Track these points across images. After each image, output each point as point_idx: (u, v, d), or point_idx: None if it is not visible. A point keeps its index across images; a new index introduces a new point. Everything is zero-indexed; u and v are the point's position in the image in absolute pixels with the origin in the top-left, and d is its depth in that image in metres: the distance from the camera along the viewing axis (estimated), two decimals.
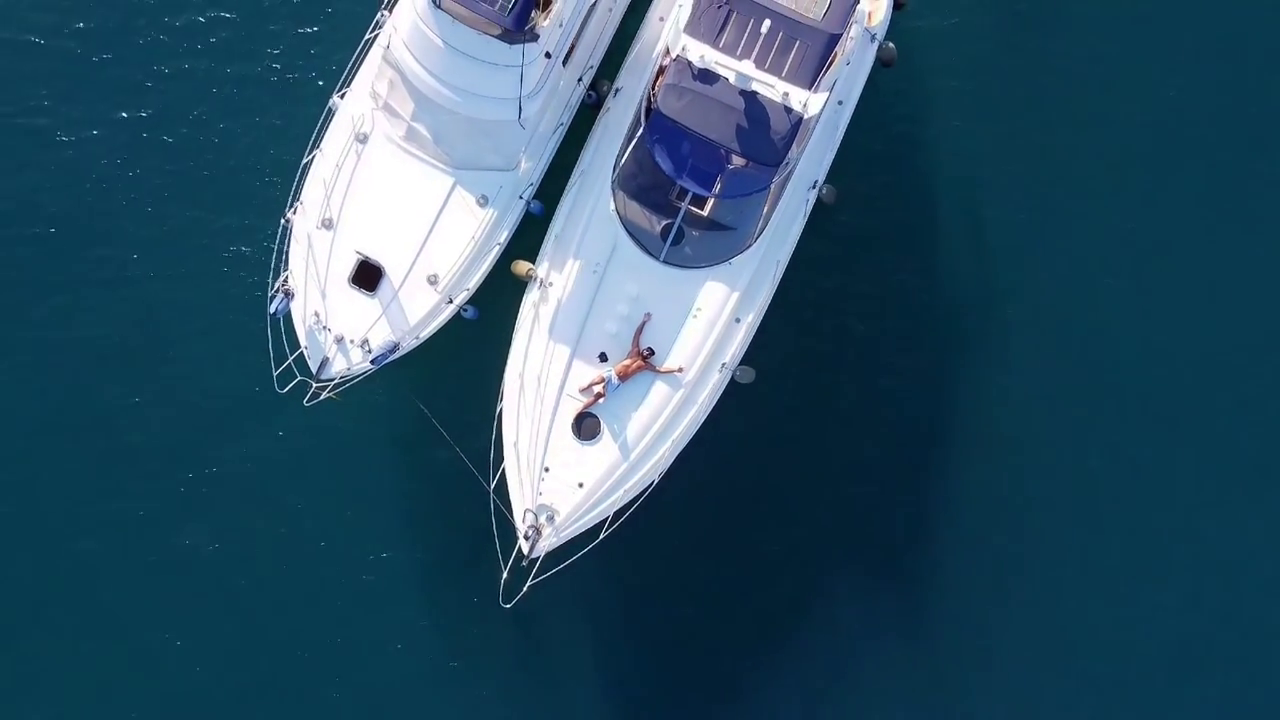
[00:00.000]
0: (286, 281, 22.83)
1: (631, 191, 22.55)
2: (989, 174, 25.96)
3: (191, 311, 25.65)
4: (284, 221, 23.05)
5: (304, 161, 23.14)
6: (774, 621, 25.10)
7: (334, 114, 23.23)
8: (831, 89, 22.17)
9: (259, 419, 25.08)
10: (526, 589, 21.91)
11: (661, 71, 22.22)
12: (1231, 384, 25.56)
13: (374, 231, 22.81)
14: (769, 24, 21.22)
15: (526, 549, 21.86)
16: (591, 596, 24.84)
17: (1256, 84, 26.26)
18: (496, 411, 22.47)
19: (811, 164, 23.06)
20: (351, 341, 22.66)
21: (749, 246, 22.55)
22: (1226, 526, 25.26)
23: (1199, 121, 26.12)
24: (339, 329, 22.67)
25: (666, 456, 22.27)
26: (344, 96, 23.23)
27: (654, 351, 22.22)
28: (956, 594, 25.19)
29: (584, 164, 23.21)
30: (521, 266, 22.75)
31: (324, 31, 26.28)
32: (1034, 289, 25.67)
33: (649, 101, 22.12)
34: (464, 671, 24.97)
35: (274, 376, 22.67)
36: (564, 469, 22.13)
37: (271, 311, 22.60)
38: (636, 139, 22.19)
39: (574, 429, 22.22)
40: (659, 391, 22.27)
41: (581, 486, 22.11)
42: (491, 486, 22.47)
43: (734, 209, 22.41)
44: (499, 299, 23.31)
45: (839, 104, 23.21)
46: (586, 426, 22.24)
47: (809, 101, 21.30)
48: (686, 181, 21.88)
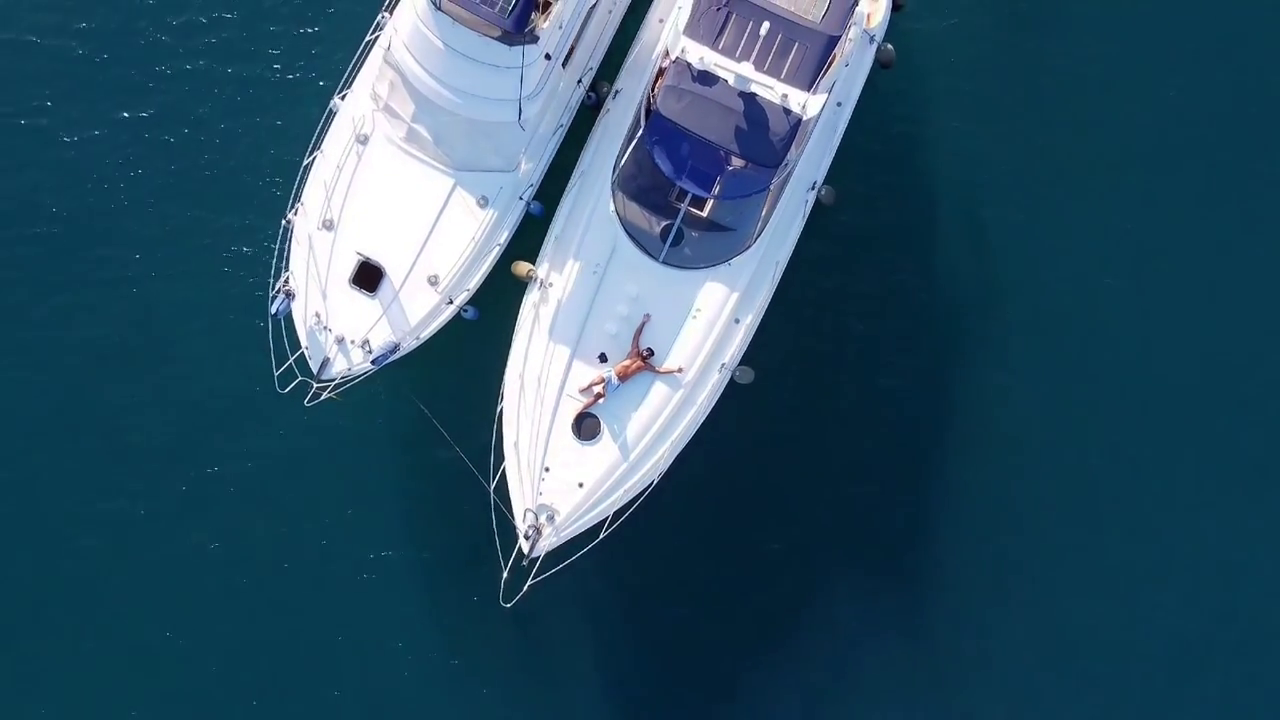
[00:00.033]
0: (287, 282, 22.86)
1: (631, 192, 22.56)
2: (988, 174, 25.92)
3: (192, 311, 25.65)
4: (285, 222, 23.07)
5: (305, 163, 23.15)
6: (774, 621, 25.09)
7: (335, 115, 23.25)
8: (830, 91, 22.17)
9: (260, 419, 25.09)
10: (527, 588, 21.94)
11: (661, 73, 22.22)
12: (1232, 384, 25.52)
13: (375, 232, 22.83)
14: (768, 26, 21.22)
15: (527, 548, 21.89)
16: (591, 596, 24.85)
17: (1256, 84, 26.22)
18: (497, 412, 22.48)
19: (810, 165, 23.06)
20: (352, 342, 22.69)
21: (748, 247, 22.56)
22: (1226, 526, 25.24)
23: (1198, 121, 26.07)
24: (340, 329, 22.70)
25: (666, 456, 22.27)
26: (345, 98, 23.24)
27: (653, 352, 22.23)
28: (956, 593, 25.17)
29: (584, 165, 23.21)
30: (522, 267, 22.74)
31: (325, 31, 26.28)
32: (1033, 288, 25.63)
33: (648, 103, 22.13)
34: (464, 670, 24.99)
35: (275, 377, 22.71)
36: (564, 469, 22.14)
37: (273, 312, 22.62)
38: (636, 140, 22.19)
39: (574, 429, 22.23)
40: (659, 392, 22.29)
41: (581, 486, 22.12)
42: (492, 486, 22.49)
43: (733, 210, 22.41)
44: (499, 300, 23.32)
45: (838, 105, 23.21)
46: (586, 427, 22.25)
47: (808, 103, 21.30)
48: (686, 183, 21.89)
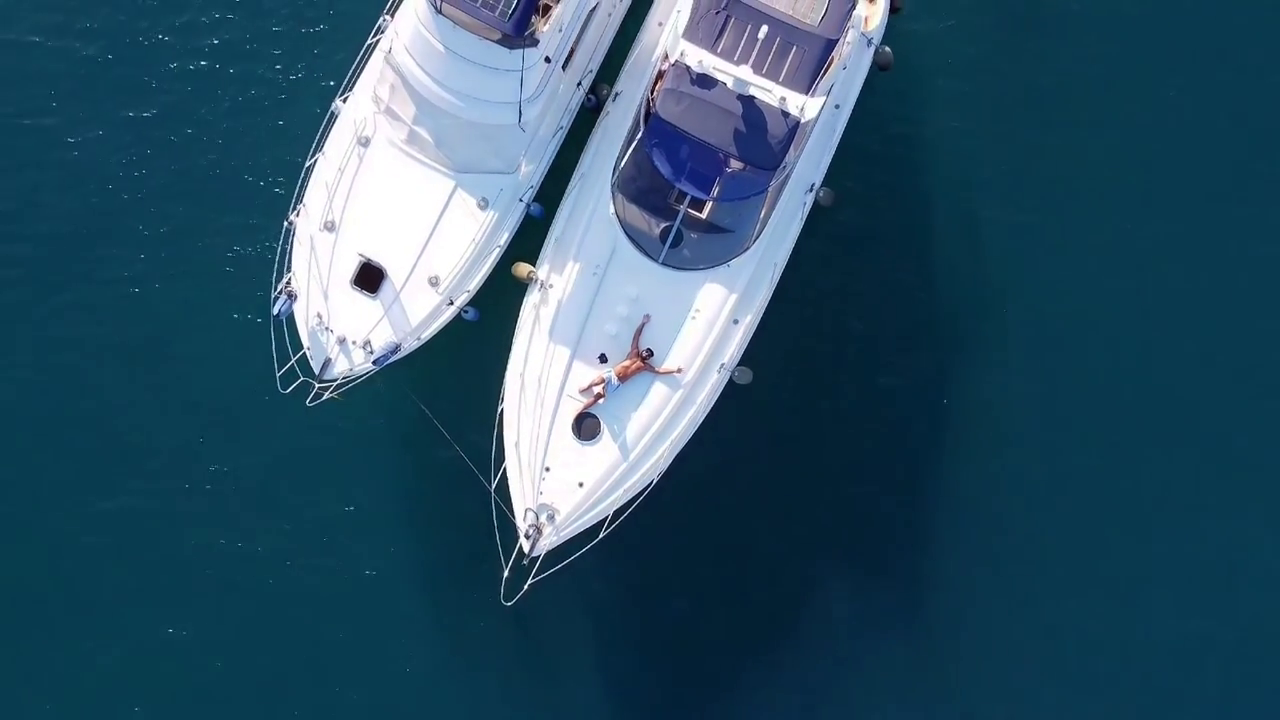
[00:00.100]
0: (289, 283, 22.91)
1: (631, 194, 22.62)
2: (987, 174, 25.92)
3: (194, 311, 25.68)
4: (287, 224, 23.11)
5: (306, 165, 23.21)
6: (773, 620, 25.13)
7: (336, 117, 23.30)
8: (828, 93, 22.22)
9: (262, 419, 25.12)
10: (527, 587, 22.01)
11: (660, 76, 22.26)
12: (1232, 383, 25.50)
13: (376, 234, 22.90)
14: (766, 29, 21.27)
15: (527, 548, 21.96)
16: (592, 595, 24.90)
17: (1256, 84, 26.20)
18: (497, 412, 22.53)
19: (809, 167, 23.11)
20: (354, 342, 22.77)
21: (747, 249, 22.62)
22: (1226, 526, 25.20)
23: (1198, 121, 26.05)
24: (341, 330, 22.77)
25: (666, 456, 22.33)
26: (346, 100, 23.29)
27: (653, 352, 22.30)
28: (956, 593, 25.18)
29: (584, 167, 23.26)
30: (522, 268, 22.79)
31: (326, 31, 26.32)
32: (1033, 288, 25.64)
33: (648, 106, 22.17)
34: (465, 668, 25.05)
35: (277, 377, 22.75)
36: (564, 469, 22.20)
37: (275, 313, 22.67)
38: (636, 143, 22.26)
39: (574, 429, 22.30)
40: (658, 392, 22.35)
41: (581, 486, 22.19)
42: (493, 486, 22.54)
43: (732, 212, 22.48)
44: (500, 301, 23.38)
45: (836, 108, 23.25)
46: (586, 427, 22.32)
47: (806, 106, 21.34)
48: (685, 185, 21.94)
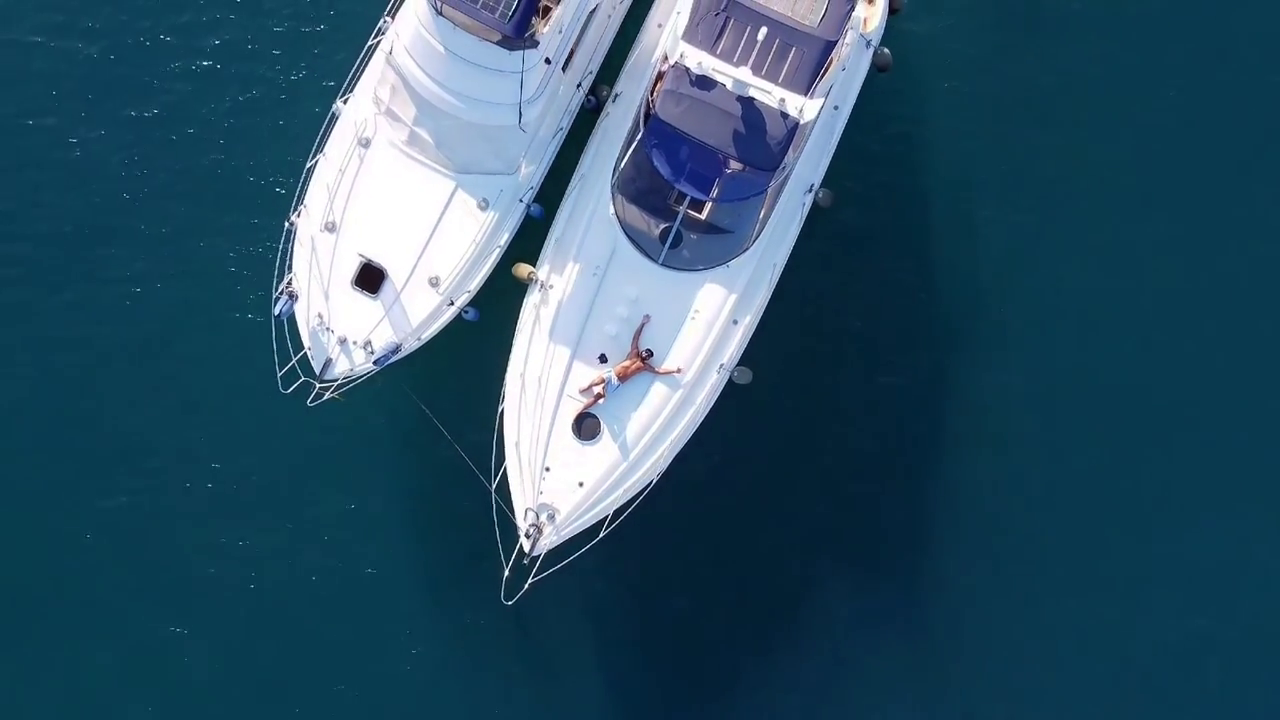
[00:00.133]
0: (290, 284, 22.98)
1: (630, 195, 22.67)
2: (986, 174, 25.94)
3: (195, 311, 25.74)
4: (288, 225, 23.16)
5: (307, 166, 23.24)
6: (774, 619, 25.19)
7: (337, 119, 23.34)
8: (827, 95, 22.22)
9: (263, 419, 25.18)
10: (528, 586, 22.07)
11: (660, 77, 22.29)
12: (1231, 383, 25.52)
13: (376, 234, 22.95)
14: (765, 31, 21.30)
15: (528, 547, 22.03)
16: (592, 593, 24.97)
17: (1256, 84, 26.18)
18: (498, 412, 22.57)
19: (808, 168, 23.15)
20: (354, 343, 22.83)
21: (746, 249, 22.67)
22: (1226, 526, 25.22)
23: (1198, 122, 26.04)
24: (342, 330, 22.84)
25: (665, 456, 22.40)
26: (347, 101, 23.33)
27: (653, 353, 22.36)
28: (956, 593, 25.24)
29: (584, 168, 23.31)
30: (522, 269, 22.84)
31: (327, 31, 26.35)
32: (1032, 288, 25.66)
33: (648, 107, 22.21)
34: (466, 666, 25.13)
35: (278, 377, 22.81)
36: (564, 468, 22.27)
37: (276, 313, 22.73)
38: (635, 144, 22.31)
39: (574, 429, 22.36)
40: (658, 392, 22.41)
41: (582, 486, 22.25)
42: (493, 486, 22.60)
43: (731, 213, 22.53)
44: (500, 301, 23.43)
45: (835, 109, 23.27)
46: (586, 427, 22.38)
47: (805, 107, 21.36)
48: (685, 186, 21.98)
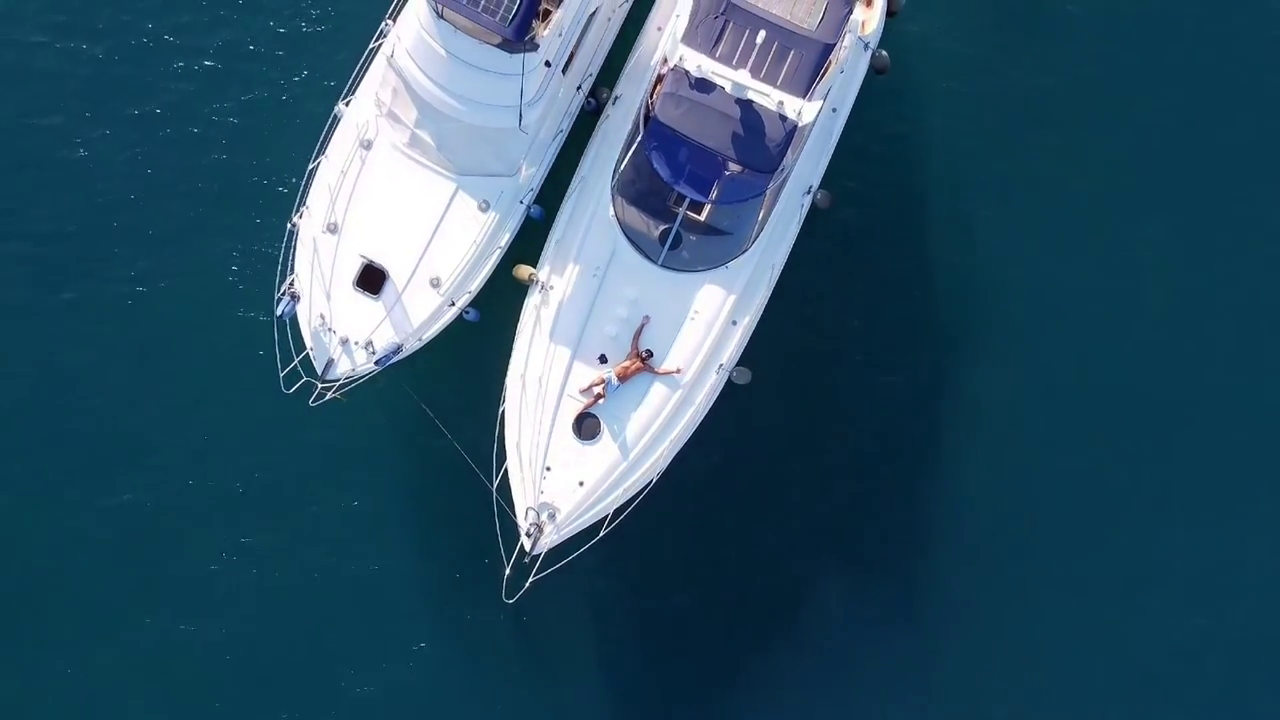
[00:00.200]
0: (292, 285, 23.07)
1: (630, 197, 22.76)
2: (985, 174, 26.02)
3: (198, 310, 25.77)
4: (290, 226, 23.23)
5: (309, 167, 23.30)
6: (773, 618, 25.27)
7: (339, 121, 23.41)
8: (826, 97, 22.31)
9: (265, 418, 25.21)
10: (528, 585, 22.17)
11: (659, 80, 22.40)
12: (1231, 382, 25.59)
13: (378, 236, 23.04)
14: (764, 34, 21.37)
15: (528, 546, 22.13)
16: (592, 592, 25.04)
17: (1256, 84, 26.26)
18: (499, 412, 22.64)
19: (806, 170, 23.24)
20: (356, 343, 22.93)
21: (745, 250, 22.77)
22: (1226, 525, 25.31)
23: (1197, 122, 26.12)
24: (344, 331, 22.93)
25: (665, 456, 22.49)
26: (349, 104, 23.41)
27: (652, 353, 22.45)
28: (956, 593, 25.31)
29: (584, 170, 23.39)
30: (523, 270, 22.92)
31: (329, 31, 26.39)
32: (1031, 287, 25.73)
33: (647, 109, 22.31)
34: (467, 665, 25.19)
35: (280, 377, 22.90)
36: (565, 468, 22.35)
37: (278, 314, 22.82)
38: (635, 146, 22.40)
39: (574, 429, 22.45)
40: (657, 392, 22.50)
41: (582, 485, 22.34)
42: (494, 485, 22.66)
43: (730, 214, 22.61)
44: (500, 302, 23.50)
45: (833, 111, 23.35)
46: (587, 426, 22.47)
47: (803, 110, 21.44)
48: (684, 188, 22.07)
